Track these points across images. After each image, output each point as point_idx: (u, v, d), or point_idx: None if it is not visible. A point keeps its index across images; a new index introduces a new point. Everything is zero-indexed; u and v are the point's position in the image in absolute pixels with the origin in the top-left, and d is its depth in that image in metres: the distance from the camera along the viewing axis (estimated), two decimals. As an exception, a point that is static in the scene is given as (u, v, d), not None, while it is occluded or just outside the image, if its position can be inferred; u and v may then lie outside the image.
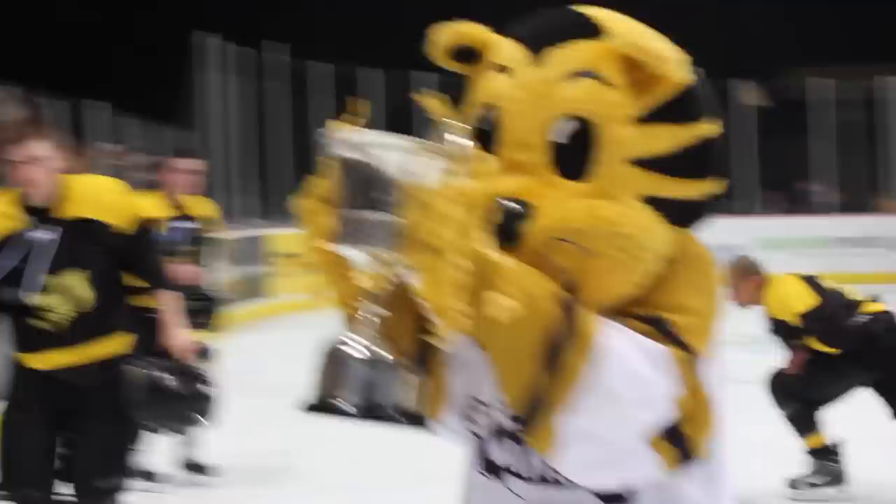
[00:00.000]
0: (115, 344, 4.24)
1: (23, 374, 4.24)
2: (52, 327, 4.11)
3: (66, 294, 4.10)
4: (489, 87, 1.68)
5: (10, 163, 4.05)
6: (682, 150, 1.62)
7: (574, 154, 1.59)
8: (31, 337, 4.17)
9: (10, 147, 4.04)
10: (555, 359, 1.46)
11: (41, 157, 4.04)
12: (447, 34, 1.74)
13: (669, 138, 1.61)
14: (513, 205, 1.54)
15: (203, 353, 6.15)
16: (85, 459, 4.19)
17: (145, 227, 4.37)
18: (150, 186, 6.87)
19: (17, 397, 4.28)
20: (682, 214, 1.64)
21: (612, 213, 1.55)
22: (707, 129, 1.64)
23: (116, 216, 4.19)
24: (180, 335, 4.52)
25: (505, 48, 1.69)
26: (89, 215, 4.14)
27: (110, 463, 4.25)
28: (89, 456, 4.19)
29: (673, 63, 1.57)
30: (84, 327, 4.14)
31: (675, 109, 1.61)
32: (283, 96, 20.21)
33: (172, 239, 6.43)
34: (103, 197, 4.23)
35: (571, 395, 1.47)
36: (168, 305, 4.55)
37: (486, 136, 1.64)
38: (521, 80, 1.64)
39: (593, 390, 1.47)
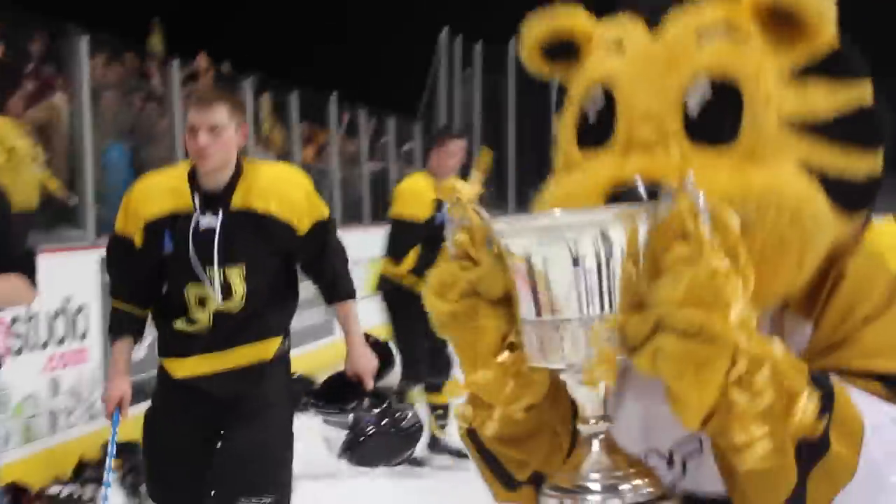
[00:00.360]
0: (267, 349, 3.81)
1: (167, 381, 3.85)
2: (198, 329, 3.70)
3: (221, 289, 3.66)
4: (599, 65, 1.42)
5: (188, 129, 3.68)
6: (842, 113, 1.37)
7: (714, 118, 1.34)
8: (176, 340, 3.76)
9: (191, 111, 3.69)
10: (815, 453, 1.23)
11: (218, 124, 3.61)
12: (540, 29, 1.48)
13: (826, 97, 1.36)
14: (644, 189, 1.25)
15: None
16: (228, 473, 3.74)
17: (325, 229, 3.85)
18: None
19: (160, 406, 3.91)
20: (846, 195, 1.36)
21: (768, 181, 1.30)
22: (866, 91, 1.40)
23: (293, 212, 3.73)
24: (364, 356, 4.00)
25: (616, 25, 1.44)
26: (262, 208, 3.69)
27: (256, 479, 3.73)
28: (234, 470, 3.74)
29: (823, 10, 1.32)
30: (234, 329, 3.71)
31: (830, 65, 1.37)
32: (522, 92, 20.33)
33: (445, 222, 6.41)
34: (282, 189, 3.75)
35: (838, 490, 1.26)
36: (349, 319, 4.01)
37: (593, 126, 1.41)
38: (641, 49, 1.39)
39: (863, 479, 1.25)
